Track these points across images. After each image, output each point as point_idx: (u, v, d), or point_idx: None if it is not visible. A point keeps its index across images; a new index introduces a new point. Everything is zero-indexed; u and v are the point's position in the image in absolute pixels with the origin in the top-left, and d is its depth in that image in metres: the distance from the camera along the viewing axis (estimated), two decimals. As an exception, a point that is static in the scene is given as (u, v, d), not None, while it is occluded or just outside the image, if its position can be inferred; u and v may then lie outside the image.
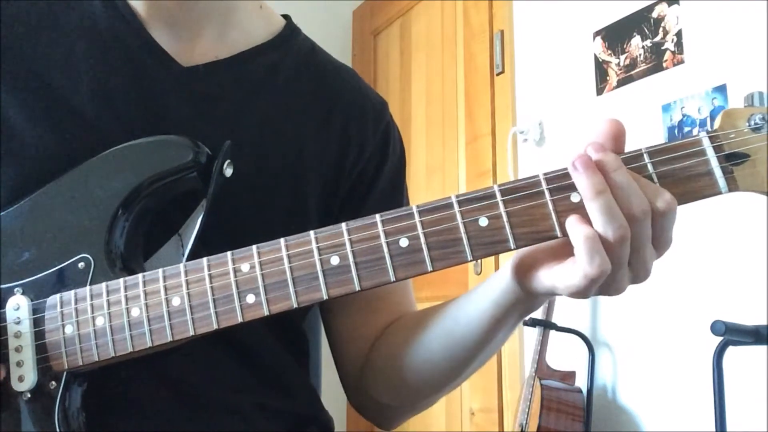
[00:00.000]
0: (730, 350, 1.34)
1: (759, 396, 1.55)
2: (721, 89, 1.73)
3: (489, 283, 0.66)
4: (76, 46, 0.73)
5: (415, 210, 0.56)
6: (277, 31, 0.84)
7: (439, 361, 0.73)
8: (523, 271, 0.60)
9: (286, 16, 0.87)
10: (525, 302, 0.64)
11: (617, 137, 0.56)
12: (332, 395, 1.00)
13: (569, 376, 1.94)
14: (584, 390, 1.89)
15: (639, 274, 0.56)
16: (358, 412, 0.85)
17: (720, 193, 0.55)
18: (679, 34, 1.85)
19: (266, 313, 0.58)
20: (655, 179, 0.55)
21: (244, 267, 0.59)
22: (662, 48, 1.89)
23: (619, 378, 1.93)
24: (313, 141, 0.79)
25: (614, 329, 1.94)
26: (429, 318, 0.75)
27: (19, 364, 0.63)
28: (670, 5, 1.89)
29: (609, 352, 1.95)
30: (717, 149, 0.54)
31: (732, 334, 1.26)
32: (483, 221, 0.55)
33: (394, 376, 0.78)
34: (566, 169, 0.55)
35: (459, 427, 2.36)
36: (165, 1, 0.74)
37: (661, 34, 1.90)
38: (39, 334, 0.63)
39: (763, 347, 1.45)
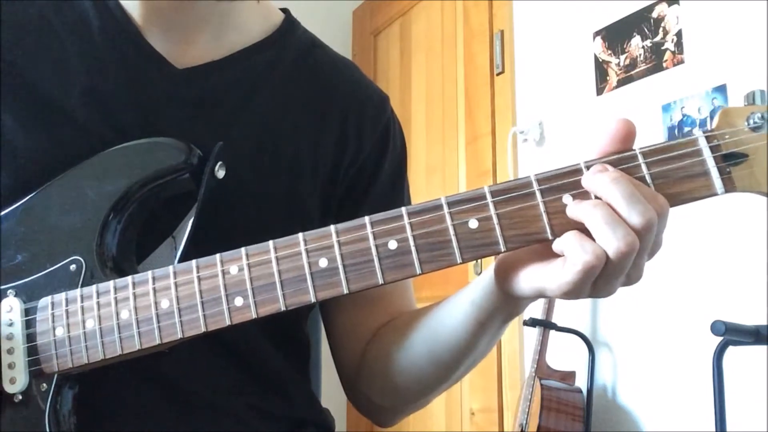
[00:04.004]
0: (730, 350, 1.34)
1: (759, 396, 1.54)
2: (721, 89, 1.72)
3: (473, 286, 0.65)
4: (68, 48, 0.72)
5: (404, 212, 0.55)
6: (275, 26, 0.81)
7: (424, 365, 0.73)
8: (506, 274, 0.59)
9: (285, 10, 0.85)
10: (508, 305, 0.63)
11: (627, 139, 0.55)
12: (332, 395, 1.00)
13: (569, 376, 1.94)
14: (584, 390, 1.88)
15: (632, 277, 0.55)
16: (356, 408, 0.84)
17: (716, 194, 0.53)
18: (679, 34, 1.85)
19: (254, 315, 0.57)
20: (649, 180, 0.53)
21: (233, 269, 0.58)
22: (662, 48, 1.89)
23: (619, 378, 1.92)
24: (311, 139, 0.77)
25: (614, 329, 1.94)
26: (416, 320, 0.74)
27: (10, 366, 0.63)
28: (670, 5, 1.88)
29: (609, 352, 1.95)
30: (714, 149, 0.53)
31: (732, 334, 1.26)
32: (473, 223, 0.54)
33: (384, 378, 0.77)
34: (558, 169, 0.54)
35: (459, 427, 2.36)
36: (160, 3, 0.73)
37: (661, 34, 1.90)
38: (30, 336, 0.63)
39: (763, 347, 1.44)
